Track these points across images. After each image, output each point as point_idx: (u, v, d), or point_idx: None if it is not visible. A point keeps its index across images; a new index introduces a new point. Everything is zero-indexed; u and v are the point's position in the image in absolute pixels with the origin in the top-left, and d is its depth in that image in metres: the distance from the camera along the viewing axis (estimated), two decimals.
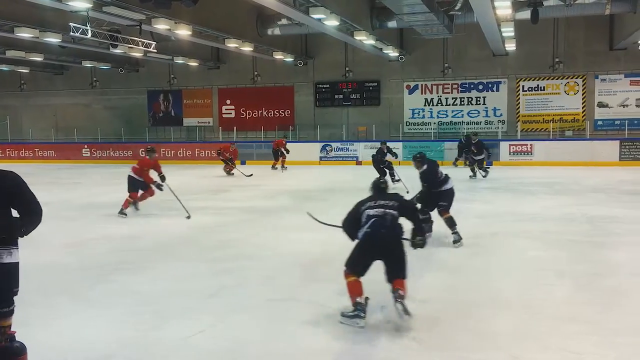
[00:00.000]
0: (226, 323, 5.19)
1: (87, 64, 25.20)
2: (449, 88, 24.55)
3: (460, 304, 5.61)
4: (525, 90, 23.72)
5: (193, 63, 24.86)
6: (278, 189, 15.33)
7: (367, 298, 5.06)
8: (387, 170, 15.16)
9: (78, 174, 20.62)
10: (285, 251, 8.01)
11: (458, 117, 24.47)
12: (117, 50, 19.50)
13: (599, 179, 15.94)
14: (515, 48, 21.22)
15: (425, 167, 8.78)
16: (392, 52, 22.55)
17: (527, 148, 21.78)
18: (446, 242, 8.44)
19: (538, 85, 23.56)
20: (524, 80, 23.66)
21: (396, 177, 14.85)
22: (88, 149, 27.19)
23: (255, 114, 27.15)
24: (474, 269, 7.01)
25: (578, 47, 22.78)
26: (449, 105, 24.57)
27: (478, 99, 24.22)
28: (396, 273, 5.10)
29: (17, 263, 3.85)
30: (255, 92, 26.91)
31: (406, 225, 5.41)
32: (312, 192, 14.67)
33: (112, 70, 27.10)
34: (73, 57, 24.20)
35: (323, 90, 26.05)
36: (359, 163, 23.28)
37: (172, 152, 26.03)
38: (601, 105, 22.99)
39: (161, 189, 11.11)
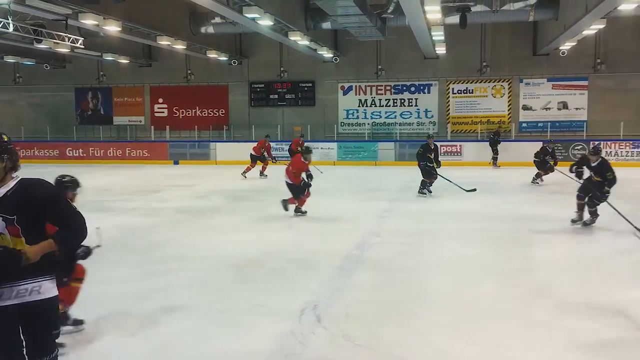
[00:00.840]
0: (157, 326, 5.09)
1: (10, 59, 23.99)
2: (382, 89, 24.95)
3: (389, 302, 5.73)
4: (455, 93, 24.43)
5: (123, 60, 24.17)
6: (211, 189, 15.15)
7: None
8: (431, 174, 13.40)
9: None
10: (217, 252, 7.93)
11: (391, 118, 24.91)
12: (42, 46, 18.73)
13: (524, 178, 16.58)
14: (445, 52, 21.82)
15: (600, 159, 9.18)
16: (326, 53, 22.71)
17: (456, 149, 22.44)
18: (376, 241, 8.60)
19: (467, 88, 24.32)
20: (453, 83, 24.36)
21: (424, 190, 13.33)
22: None
23: (188, 113, 26.68)
24: (403, 267, 7.17)
25: (504, 52, 23.66)
26: (383, 106, 24.99)
27: (410, 100, 24.75)
28: None
29: (54, 298, 3.16)
30: (188, 90, 26.45)
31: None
32: (246, 192, 14.59)
33: (37, 66, 25.92)
34: None
35: (258, 90, 25.91)
36: None
37: (102, 151, 25.21)
38: (525, 108, 23.98)
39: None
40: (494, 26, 22.47)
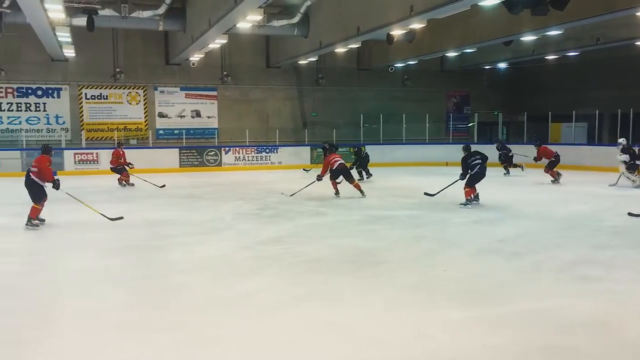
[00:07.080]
0: None
1: None
2: (2, 92, 22.34)
3: (8, 330, 5.11)
4: (89, 98, 23.43)
5: None
6: None
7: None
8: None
9: None
10: None
11: (15, 124, 22.52)
12: None
13: (164, 183, 16.67)
14: (74, 55, 20.72)
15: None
16: None
17: (93, 157, 21.49)
18: None
19: (101, 93, 23.56)
20: (86, 88, 23.31)
21: None
22: None
23: None
24: (23, 289, 6.50)
25: (137, 59, 23.67)
26: (4, 110, 22.39)
27: (38, 105, 22.77)
28: None
29: None
30: None
31: None
32: None
33: None
34: None
35: None
36: None
37: None
38: (161, 115, 24.49)
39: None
40: (126, 32, 22.38)
